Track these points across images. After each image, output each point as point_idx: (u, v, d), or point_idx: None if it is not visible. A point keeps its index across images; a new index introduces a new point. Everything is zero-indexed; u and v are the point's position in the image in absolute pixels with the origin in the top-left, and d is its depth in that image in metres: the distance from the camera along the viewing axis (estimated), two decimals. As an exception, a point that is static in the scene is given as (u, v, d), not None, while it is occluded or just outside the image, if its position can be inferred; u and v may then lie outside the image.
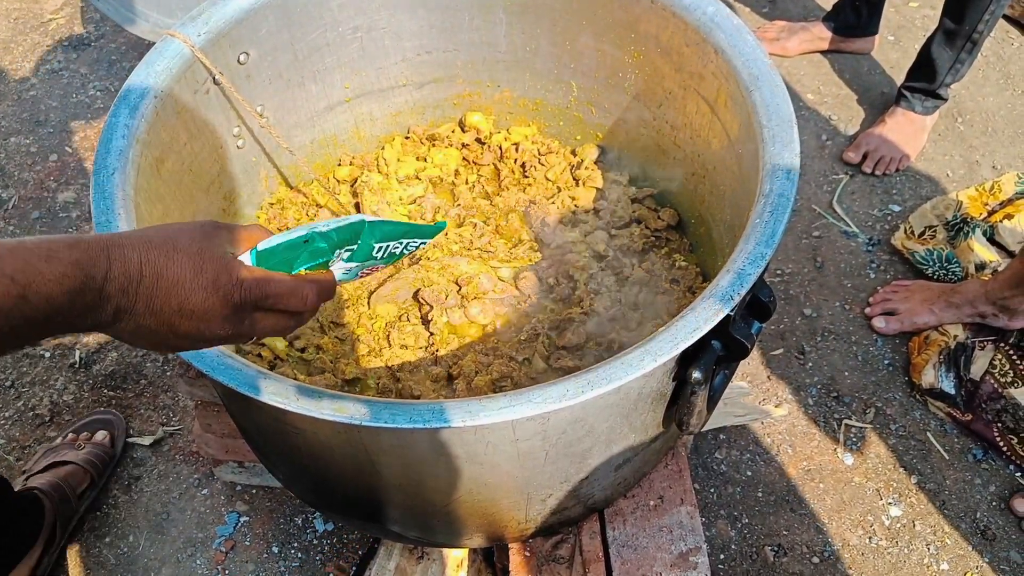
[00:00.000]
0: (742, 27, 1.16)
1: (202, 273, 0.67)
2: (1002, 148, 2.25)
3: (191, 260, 0.67)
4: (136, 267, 0.65)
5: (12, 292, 0.59)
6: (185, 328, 0.68)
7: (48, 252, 0.61)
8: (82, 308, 0.63)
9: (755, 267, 0.90)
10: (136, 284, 0.65)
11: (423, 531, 1.25)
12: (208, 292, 0.67)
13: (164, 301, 0.66)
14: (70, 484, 1.57)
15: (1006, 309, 1.71)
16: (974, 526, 1.60)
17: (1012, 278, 1.68)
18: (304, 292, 0.73)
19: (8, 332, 0.60)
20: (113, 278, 0.64)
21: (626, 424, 1.02)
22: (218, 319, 0.68)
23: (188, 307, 0.67)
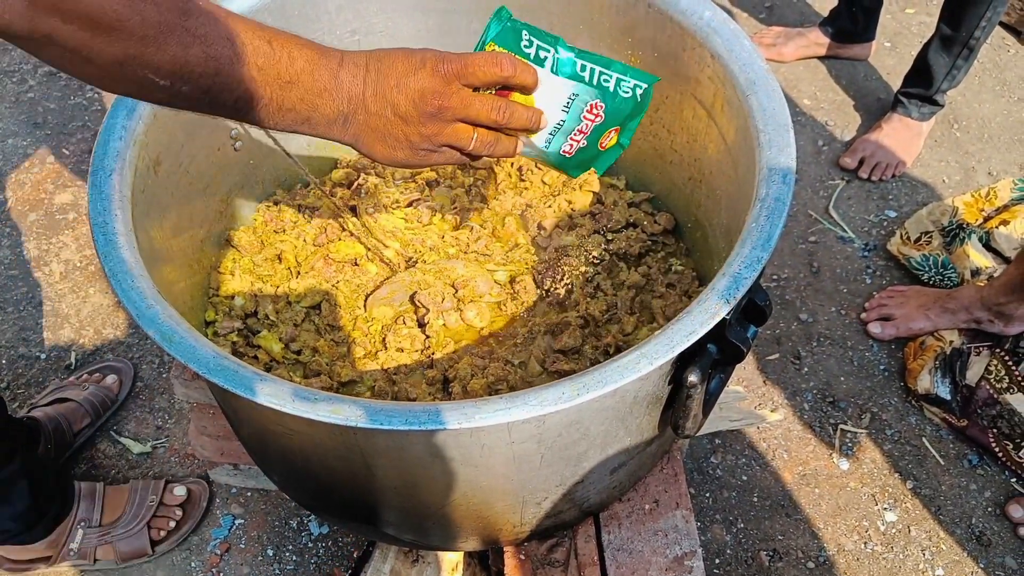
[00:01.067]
0: (739, 32, 1.16)
1: (413, 55, 0.78)
2: (998, 154, 2.25)
3: (404, 51, 0.79)
4: (363, 60, 0.78)
5: (260, 36, 0.71)
6: (404, 105, 0.78)
7: (295, 35, 0.75)
8: (320, 87, 0.75)
9: (751, 271, 0.90)
10: (364, 72, 0.77)
11: (418, 534, 1.25)
12: (418, 67, 0.77)
13: (385, 81, 0.77)
14: (68, 419, 1.66)
15: (1002, 315, 1.72)
16: (969, 532, 1.60)
17: (1008, 284, 1.69)
18: (500, 59, 0.81)
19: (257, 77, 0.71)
20: (346, 65, 0.77)
21: (622, 427, 1.02)
22: (429, 90, 0.78)
23: (403, 81, 0.77)
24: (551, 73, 0.84)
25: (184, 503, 1.59)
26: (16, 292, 1.99)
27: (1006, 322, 1.73)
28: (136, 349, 1.89)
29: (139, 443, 1.73)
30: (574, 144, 0.90)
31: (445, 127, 0.81)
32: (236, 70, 0.70)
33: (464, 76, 0.79)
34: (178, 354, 0.87)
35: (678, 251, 1.45)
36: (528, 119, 0.86)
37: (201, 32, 0.67)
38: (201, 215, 1.31)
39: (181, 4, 0.67)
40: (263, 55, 0.71)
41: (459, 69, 0.78)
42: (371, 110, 0.78)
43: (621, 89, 0.87)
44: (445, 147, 0.83)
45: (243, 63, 0.70)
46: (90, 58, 0.64)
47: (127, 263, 0.95)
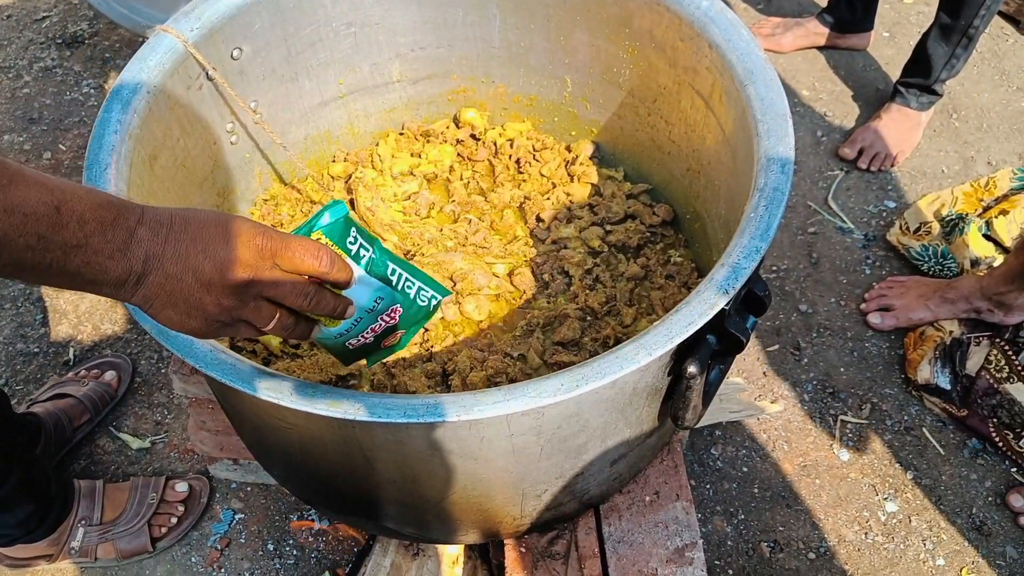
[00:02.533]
0: (737, 22, 1.15)
1: (229, 222, 0.71)
2: (997, 144, 2.25)
3: (217, 217, 0.71)
4: (167, 218, 0.69)
5: (49, 201, 0.62)
6: (208, 271, 0.70)
7: (89, 188, 0.66)
8: (112, 248, 0.65)
9: (750, 261, 0.90)
10: (166, 230, 0.68)
11: (418, 527, 1.25)
12: (233, 235, 0.70)
13: (191, 244, 0.69)
14: (68, 415, 1.65)
15: (1002, 304, 1.71)
16: (970, 521, 1.60)
17: (1007, 273, 1.68)
18: (318, 249, 0.74)
19: (36, 246, 0.62)
20: (146, 222, 0.67)
21: (621, 419, 1.01)
22: (240, 262, 0.71)
23: (212, 248, 0.69)
24: (366, 272, 0.81)
25: (185, 499, 1.59)
26: (14, 288, 1.98)
27: (1006, 311, 1.72)
28: (135, 344, 1.88)
29: (138, 439, 1.72)
30: (363, 340, 0.87)
31: (247, 303, 0.74)
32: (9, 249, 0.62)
33: (280, 257, 0.73)
34: (176, 349, 0.87)
35: (677, 242, 1.44)
36: (334, 308, 0.80)
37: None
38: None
39: None
40: (47, 224, 0.62)
41: (277, 249, 0.73)
42: (169, 272, 0.69)
43: (419, 298, 0.87)
44: (241, 322, 0.75)
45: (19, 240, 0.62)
46: None
47: (123, 258, 0.95)
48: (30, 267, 0.63)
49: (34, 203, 0.61)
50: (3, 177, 0.60)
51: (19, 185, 0.61)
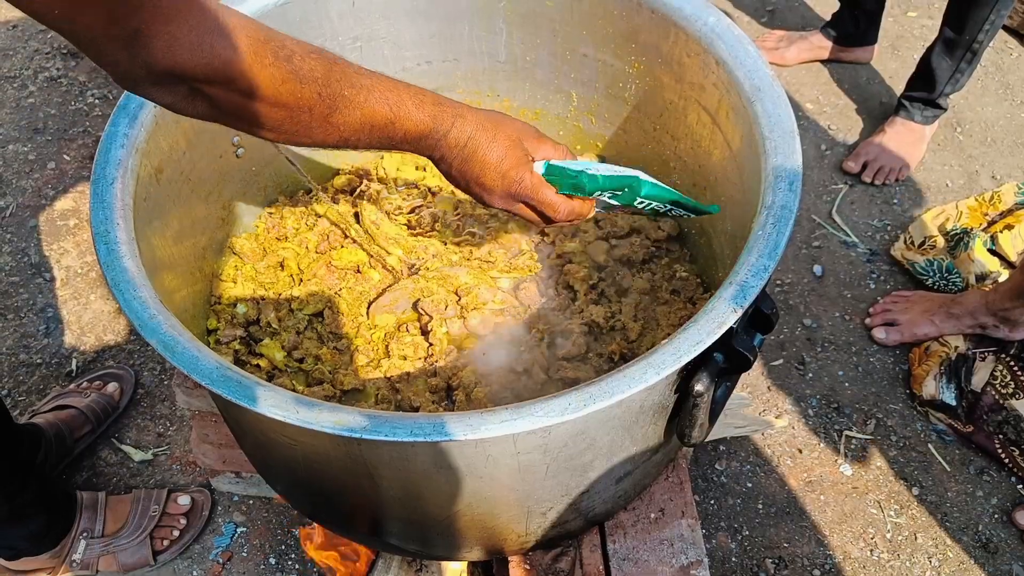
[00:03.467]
0: (743, 38, 1.15)
1: (503, 161, 0.92)
2: (1001, 158, 2.25)
3: (501, 149, 0.92)
4: (465, 138, 0.91)
5: (388, 116, 0.85)
6: (475, 190, 0.95)
7: (419, 98, 0.87)
8: (422, 146, 0.90)
9: (758, 279, 0.90)
10: (461, 149, 0.91)
11: (422, 544, 1.24)
12: (499, 177, 0.93)
13: (470, 168, 0.93)
14: (69, 426, 1.65)
15: (1007, 320, 1.71)
16: (976, 539, 1.59)
17: (1013, 289, 1.68)
18: (559, 206, 0.98)
19: (374, 140, 0.86)
20: (449, 138, 0.90)
21: (627, 437, 1.01)
22: (497, 196, 0.95)
23: (482, 180, 0.93)
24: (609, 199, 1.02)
25: (187, 512, 1.58)
26: (17, 299, 1.98)
27: (1011, 327, 1.72)
28: (137, 356, 1.88)
29: (140, 451, 1.72)
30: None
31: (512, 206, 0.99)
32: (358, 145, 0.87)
33: (530, 201, 0.97)
34: (181, 364, 0.86)
35: (682, 257, 1.44)
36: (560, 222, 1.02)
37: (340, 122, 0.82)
38: (203, 222, 1.30)
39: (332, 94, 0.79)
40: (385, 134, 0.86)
41: (528, 195, 0.95)
42: (451, 170, 0.94)
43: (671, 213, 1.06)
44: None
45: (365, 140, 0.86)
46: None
47: (129, 273, 0.95)
48: (366, 146, 0.87)
49: (379, 118, 0.84)
50: (360, 93, 0.82)
51: (371, 102, 0.83)
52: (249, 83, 0.73)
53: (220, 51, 0.69)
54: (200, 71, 0.69)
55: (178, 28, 0.66)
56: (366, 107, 0.82)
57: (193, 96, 0.73)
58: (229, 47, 0.70)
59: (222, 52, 0.69)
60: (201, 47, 0.68)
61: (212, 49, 0.69)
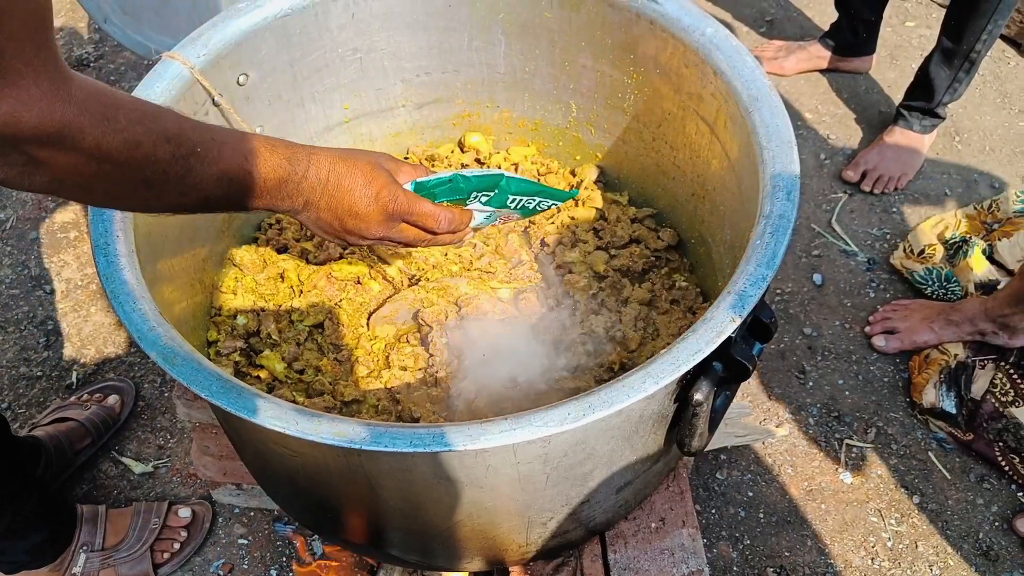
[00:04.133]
0: (741, 48, 1.16)
1: (371, 185, 0.93)
2: (1000, 167, 2.25)
3: (364, 175, 0.93)
4: (325, 173, 0.91)
5: (243, 167, 0.83)
6: (351, 225, 0.95)
7: (271, 144, 0.87)
8: (283, 193, 0.89)
9: (756, 289, 0.90)
10: (323, 185, 0.91)
11: (422, 554, 1.24)
12: (371, 200, 0.94)
13: (339, 201, 0.93)
14: (69, 439, 1.65)
15: (1006, 327, 1.71)
16: (977, 547, 1.59)
17: (1011, 296, 1.68)
18: (439, 215, 1.00)
19: (233, 195, 0.85)
20: (309, 176, 0.90)
21: (627, 446, 1.01)
22: (375, 222, 0.96)
23: (355, 209, 0.94)
24: (483, 205, 1.05)
25: (188, 525, 1.58)
26: (17, 311, 1.99)
27: (1011, 334, 1.72)
28: (138, 368, 1.88)
29: (141, 463, 1.72)
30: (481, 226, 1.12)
31: (379, 243, 1.01)
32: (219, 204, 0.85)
33: (407, 219, 0.98)
34: (181, 376, 0.87)
35: (682, 267, 1.44)
36: (450, 241, 1.08)
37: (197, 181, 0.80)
38: (203, 234, 1.30)
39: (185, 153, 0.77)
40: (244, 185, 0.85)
41: (404, 213, 0.97)
42: (321, 216, 0.95)
43: (539, 208, 1.11)
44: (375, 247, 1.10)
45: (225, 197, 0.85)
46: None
47: (128, 285, 0.95)
48: (227, 207, 0.86)
49: (236, 170, 0.83)
50: (213, 149, 0.80)
51: (224, 156, 0.81)
52: (98, 146, 0.68)
53: (68, 111, 0.65)
54: (47, 129, 0.64)
55: (25, 89, 0.61)
56: (220, 162, 0.80)
57: (32, 167, 0.67)
58: (78, 109, 0.65)
59: (70, 112, 0.65)
60: (50, 109, 0.63)
61: (61, 109, 0.64)
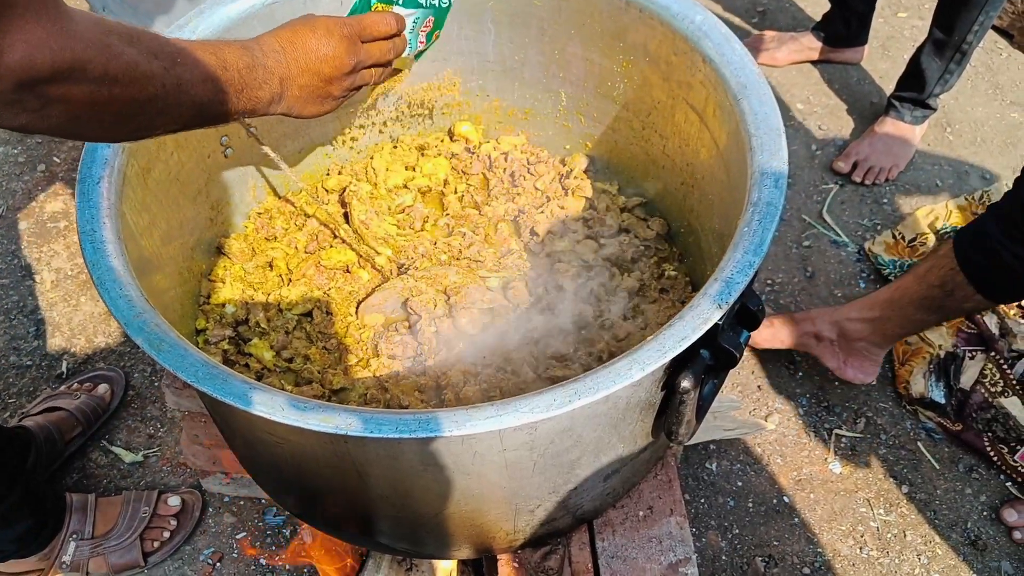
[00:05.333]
0: (730, 36, 1.16)
1: (317, 27, 0.99)
2: (991, 158, 2.26)
3: (306, 26, 0.99)
4: (278, 44, 0.96)
5: (219, 63, 0.86)
6: (328, 70, 1.00)
7: (223, 43, 0.90)
8: (257, 80, 0.92)
9: (743, 276, 0.90)
10: (284, 53, 0.96)
11: (411, 543, 1.24)
12: (327, 36, 0.99)
13: (306, 57, 0.98)
14: (60, 428, 1.65)
15: (843, 335, 1.65)
16: (965, 536, 1.59)
17: (869, 301, 1.62)
18: (386, 17, 1.08)
19: (221, 98, 0.87)
20: (267, 54, 0.94)
21: (615, 434, 1.01)
22: (344, 52, 1.01)
23: (321, 52, 0.99)
24: (403, 8, 1.17)
25: (178, 513, 1.58)
26: (7, 301, 1.98)
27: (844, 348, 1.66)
28: (128, 358, 1.88)
29: (131, 452, 1.72)
30: (420, 47, 1.30)
31: (357, 75, 1.06)
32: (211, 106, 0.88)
33: (363, 34, 1.05)
34: (167, 362, 0.86)
35: (671, 256, 1.44)
36: (402, 47, 1.17)
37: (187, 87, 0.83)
38: (191, 223, 1.30)
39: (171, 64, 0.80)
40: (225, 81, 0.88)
41: (359, 30, 1.04)
42: (301, 83, 0.98)
43: (442, 3, 1.25)
44: (356, 88, 1.09)
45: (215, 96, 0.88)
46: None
47: (115, 271, 0.94)
48: (215, 111, 0.88)
49: (215, 67, 0.85)
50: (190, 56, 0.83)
51: (200, 60, 0.84)
52: (105, 73, 0.72)
53: (77, 46, 0.69)
54: (60, 66, 0.68)
55: (33, 32, 0.65)
56: (199, 65, 0.84)
57: (46, 106, 0.70)
58: (82, 42, 0.69)
59: (78, 47, 0.69)
60: (60, 47, 0.67)
61: (70, 44, 0.68)
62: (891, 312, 1.56)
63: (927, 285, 1.46)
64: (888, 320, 1.58)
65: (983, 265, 1.35)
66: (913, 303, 1.51)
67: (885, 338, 1.62)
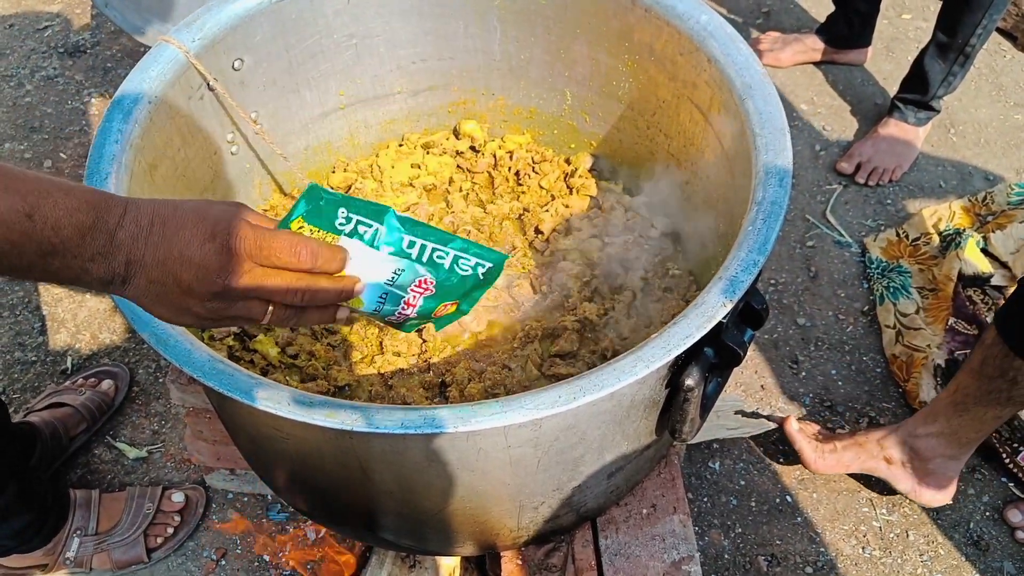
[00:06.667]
0: (736, 36, 1.16)
1: (203, 221, 0.69)
2: (994, 159, 2.26)
3: (197, 213, 0.70)
4: (147, 217, 0.68)
5: (20, 209, 0.62)
6: (187, 279, 0.69)
7: (68, 188, 0.65)
8: (92, 252, 0.66)
9: (748, 274, 0.90)
10: (146, 233, 0.68)
11: (415, 539, 1.25)
12: (206, 239, 0.69)
13: (168, 249, 0.68)
14: (64, 424, 1.65)
15: (918, 456, 1.51)
16: (968, 536, 1.59)
17: (932, 413, 1.48)
18: (299, 249, 0.72)
19: (9, 251, 0.63)
20: (126, 225, 0.67)
21: (619, 431, 1.01)
22: (215, 268, 0.69)
23: (187, 253, 0.68)
24: (371, 248, 0.78)
25: (181, 509, 1.58)
26: (12, 296, 1.99)
27: (919, 470, 1.52)
28: (132, 353, 1.88)
29: (135, 448, 1.72)
30: (404, 313, 0.83)
31: (233, 304, 0.73)
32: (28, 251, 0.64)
33: (259, 258, 0.71)
34: (173, 357, 0.87)
35: (675, 255, 1.45)
36: (338, 294, 0.77)
37: None
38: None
39: None
40: (19, 231, 0.63)
41: (252, 249, 0.70)
42: (152, 277, 0.70)
43: (458, 267, 0.81)
44: (236, 318, 0.75)
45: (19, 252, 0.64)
46: None
47: (123, 267, 0.95)
48: (8, 268, 0.64)
49: (4, 210, 0.61)
50: None
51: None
52: None
53: None
54: None
55: None
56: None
57: None
58: None
59: None
60: None
61: None
62: (959, 418, 1.43)
63: (986, 379, 1.34)
64: (960, 428, 1.44)
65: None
66: (980, 402, 1.38)
67: (962, 447, 1.48)
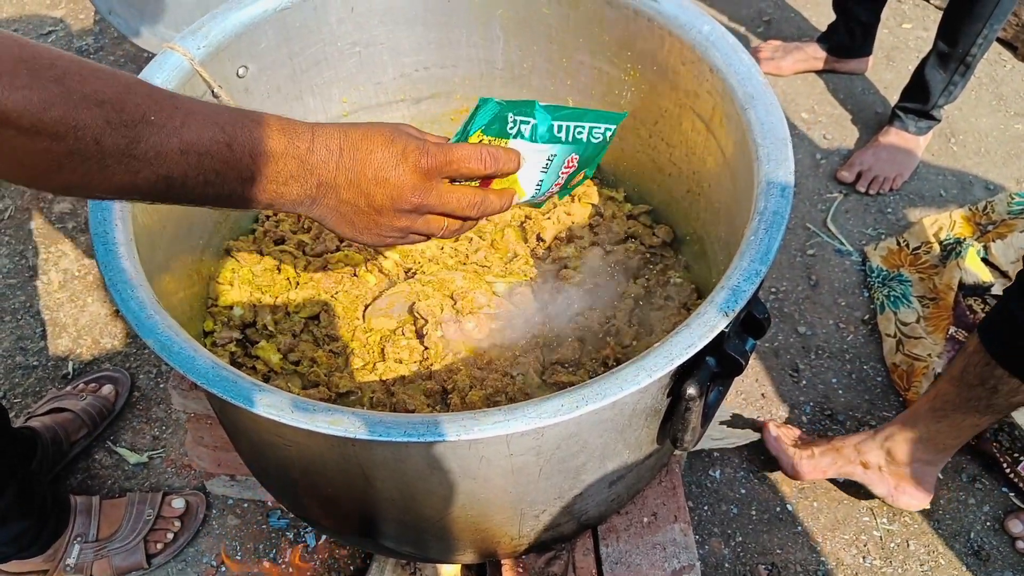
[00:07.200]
0: (738, 46, 1.17)
1: (394, 143, 0.76)
2: (995, 169, 2.26)
3: (384, 135, 0.76)
4: (336, 143, 0.74)
5: (221, 140, 0.67)
6: (380, 198, 0.76)
7: (257, 117, 0.70)
8: (284, 173, 0.72)
9: (750, 284, 0.91)
10: (337, 156, 0.74)
11: (416, 546, 1.25)
12: (399, 160, 0.75)
13: (361, 171, 0.75)
14: (65, 429, 1.65)
15: (895, 461, 1.53)
16: (968, 546, 1.60)
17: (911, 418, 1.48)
18: (483, 155, 0.80)
19: (205, 177, 0.68)
20: (316, 149, 0.73)
21: (620, 440, 1.02)
22: (410, 186, 0.76)
23: (382, 175, 0.75)
24: (530, 142, 0.86)
25: (182, 515, 1.58)
26: (14, 301, 1.99)
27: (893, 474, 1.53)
28: (134, 359, 1.88)
29: (136, 453, 1.72)
30: (552, 192, 0.95)
31: (418, 219, 0.80)
32: (188, 186, 0.68)
33: (446, 171, 0.78)
34: (176, 364, 0.87)
35: (677, 264, 1.45)
36: (500, 206, 0.86)
37: (151, 154, 0.64)
38: (200, 225, 1.31)
39: (130, 120, 0.62)
40: (221, 160, 0.68)
41: (441, 164, 0.78)
42: (343, 198, 0.76)
43: (592, 136, 0.92)
44: (413, 234, 0.83)
45: (197, 177, 0.67)
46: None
47: (127, 273, 0.95)
48: (212, 198, 0.70)
49: (207, 142, 0.66)
50: (175, 118, 0.65)
51: (191, 125, 0.66)
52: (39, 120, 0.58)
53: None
54: None
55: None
56: (185, 131, 0.65)
57: None
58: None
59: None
60: None
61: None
62: (938, 424, 1.44)
63: (967, 386, 1.34)
64: (938, 434, 1.45)
65: (1021, 351, 1.24)
66: (959, 409, 1.38)
67: (939, 453, 1.49)
